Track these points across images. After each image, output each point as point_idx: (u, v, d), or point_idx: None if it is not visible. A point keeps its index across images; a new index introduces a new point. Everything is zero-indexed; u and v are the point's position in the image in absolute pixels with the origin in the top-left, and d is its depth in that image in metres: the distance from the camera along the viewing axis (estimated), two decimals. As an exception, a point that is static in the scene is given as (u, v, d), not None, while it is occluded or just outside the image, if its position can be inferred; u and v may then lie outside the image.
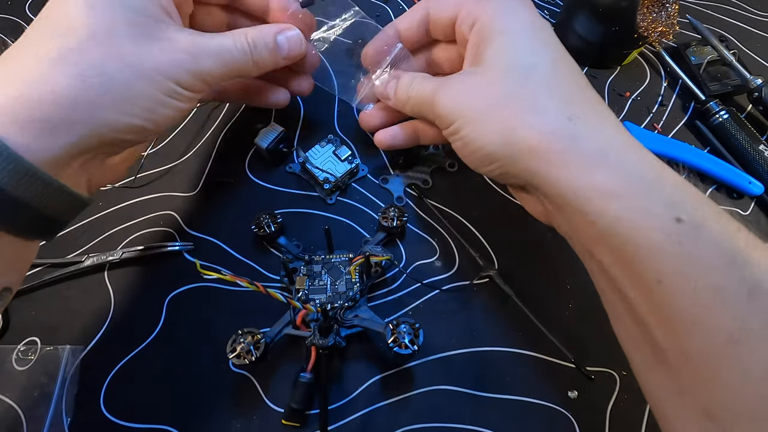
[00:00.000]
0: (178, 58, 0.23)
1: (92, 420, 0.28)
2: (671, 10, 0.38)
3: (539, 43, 0.25)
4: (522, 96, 0.24)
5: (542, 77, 0.24)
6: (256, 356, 0.26)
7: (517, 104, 0.23)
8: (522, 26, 0.25)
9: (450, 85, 0.26)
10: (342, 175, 0.34)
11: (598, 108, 0.23)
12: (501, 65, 0.24)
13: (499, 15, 0.25)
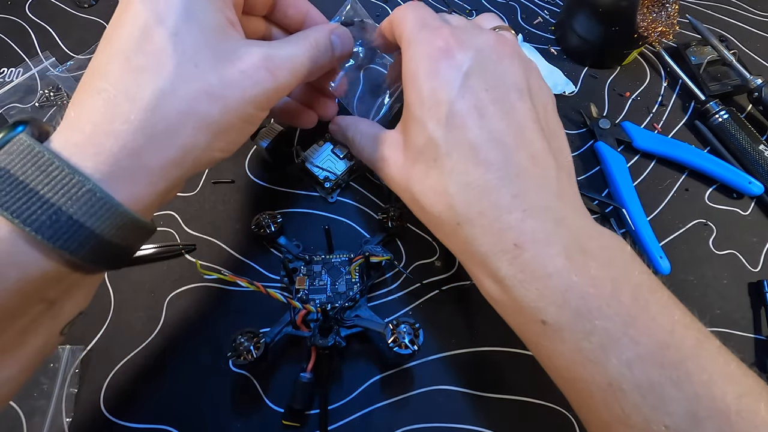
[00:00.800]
0: (258, 78, 0.22)
1: (92, 420, 0.28)
2: (671, 10, 0.38)
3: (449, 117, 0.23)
4: (424, 193, 0.24)
5: (442, 167, 0.23)
6: (256, 356, 0.26)
7: (420, 202, 0.24)
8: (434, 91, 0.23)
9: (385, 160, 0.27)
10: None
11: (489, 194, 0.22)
12: (413, 144, 0.24)
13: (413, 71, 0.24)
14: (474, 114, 0.22)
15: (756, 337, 0.32)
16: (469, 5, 0.46)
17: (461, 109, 0.22)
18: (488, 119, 0.22)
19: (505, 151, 0.22)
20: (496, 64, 0.24)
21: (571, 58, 0.43)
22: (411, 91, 0.24)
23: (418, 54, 0.24)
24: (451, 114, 0.22)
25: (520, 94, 0.23)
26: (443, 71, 0.23)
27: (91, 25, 0.43)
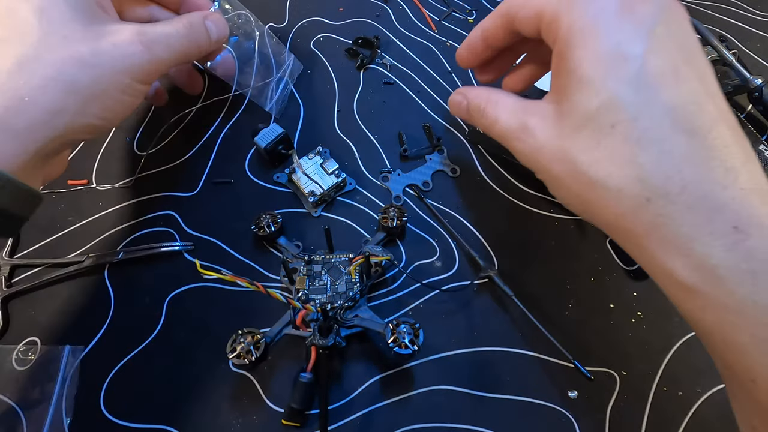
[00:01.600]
0: (133, 51, 0.24)
1: (92, 420, 0.28)
2: (671, 10, 0.38)
3: (640, 75, 0.19)
4: (595, 163, 0.20)
5: (626, 133, 0.19)
6: (256, 356, 0.26)
7: (588, 174, 0.20)
8: (618, 46, 0.19)
9: (529, 130, 0.23)
10: (328, 188, 0.34)
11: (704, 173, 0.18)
12: (577, 110, 0.20)
13: (589, 27, 0.20)
14: (670, 73, 0.19)
15: (756, 337, 0.32)
16: (469, 5, 0.46)
17: (656, 66, 0.19)
18: (686, 81, 0.19)
19: (709, 117, 0.19)
20: (680, 23, 0.20)
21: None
22: (580, 50, 0.20)
23: (589, 11, 0.20)
24: (643, 72, 0.19)
25: (706, 60, 0.20)
26: (628, 25, 0.19)
27: (91, 25, 0.43)
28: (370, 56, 0.41)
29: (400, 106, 0.39)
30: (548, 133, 0.22)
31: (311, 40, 0.43)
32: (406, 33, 0.44)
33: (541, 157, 0.22)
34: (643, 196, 0.19)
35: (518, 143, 0.24)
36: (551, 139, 0.22)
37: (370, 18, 0.44)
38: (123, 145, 0.37)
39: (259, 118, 0.38)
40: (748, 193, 0.18)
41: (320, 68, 0.41)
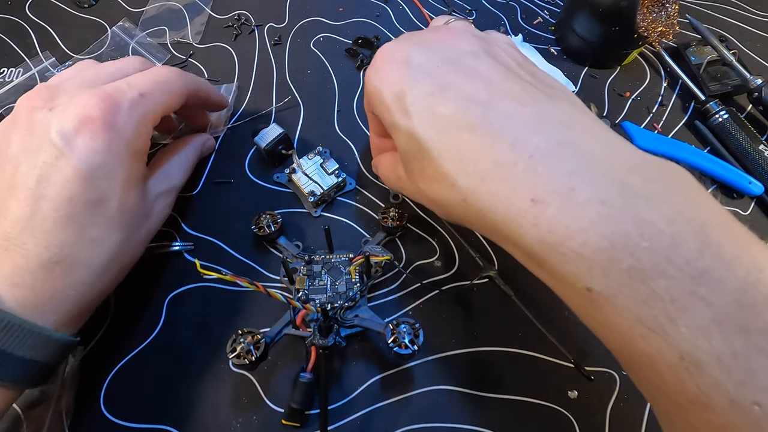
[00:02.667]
0: (165, 215, 0.31)
1: (92, 420, 0.28)
2: (671, 10, 0.38)
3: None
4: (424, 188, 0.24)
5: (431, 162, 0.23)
6: (256, 356, 0.26)
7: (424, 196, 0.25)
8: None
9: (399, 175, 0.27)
10: (328, 188, 0.34)
11: None
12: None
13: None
14: (435, 91, 0.22)
15: (756, 337, 0.32)
16: (469, 5, 0.46)
17: (421, 91, 0.22)
18: (451, 88, 0.21)
19: (482, 105, 0.20)
20: (441, 44, 0.24)
21: (571, 58, 0.43)
22: (378, 109, 0.25)
23: (368, 75, 0.25)
24: (414, 100, 0.22)
25: (475, 57, 0.23)
26: (391, 72, 0.23)
27: (91, 25, 0.43)
28: (370, 56, 0.41)
29: (400, 106, 0.39)
30: (403, 176, 0.26)
31: (311, 40, 0.43)
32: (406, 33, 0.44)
33: (413, 197, 0.27)
34: (461, 199, 0.21)
35: (402, 192, 0.30)
36: (406, 181, 0.26)
37: (370, 18, 0.44)
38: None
39: (259, 118, 0.38)
40: (536, 161, 0.19)
41: (320, 68, 0.41)
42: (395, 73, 0.23)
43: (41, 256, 0.22)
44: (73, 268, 0.24)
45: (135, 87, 0.27)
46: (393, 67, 0.24)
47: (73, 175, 0.23)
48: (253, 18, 0.44)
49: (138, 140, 0.26)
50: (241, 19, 0.44)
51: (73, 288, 0.24)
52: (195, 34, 0.43)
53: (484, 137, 0.20)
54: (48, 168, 0.23)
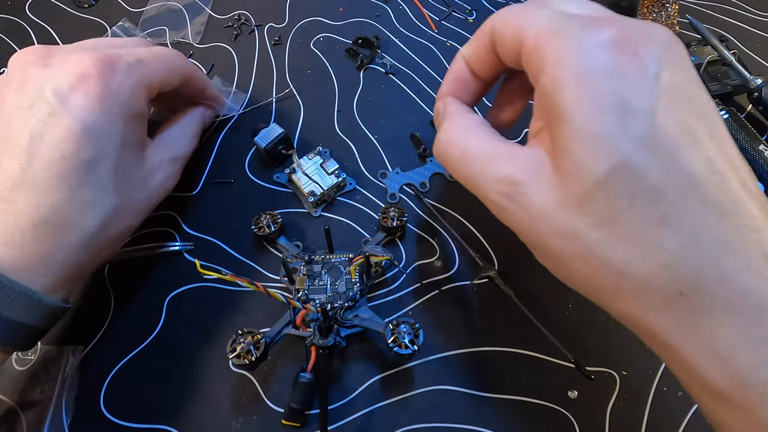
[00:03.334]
0: (170, 185, 0.30)
1: (92, 420, 0.28)
2: (671, 10, 0.38)
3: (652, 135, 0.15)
4: (612, 244, 0.16)
5: (648, 209, 0.15)
6: (256, 356, 0.26)
7: (603, 256, 0.16)
8: (621, 95, 0.15)
9: (519, 189, 0.18)
10: (328, 188, 0.34)
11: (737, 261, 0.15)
12: (583, 171, 0.16)
13: (582, 66, 0.16)
14: (686, 134, 0.15)
15: (756, 337, 0.32)
16: (469, 5, 0.46)
17: (670, 124, 0.15)
18: (702, 142, 0.16)
19: (734, 190, 0.15)
20: (685, 67, 0.17)
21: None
22: (573, 92, 0.16)
23: (582, 46, 0.16)
24: (656, 130, 0.15)
25: (715, 110, 0.17)
26: (629, 69, 0.16)
27: (91, 25, 0.43)
28: (370, 56, 0.41)
29: (400, 106, 0.39)
30: (547, 198, 0.17)
31: (311, 40, 0.43)
32: (406, 33, 0.44)
33: (538, 227, 0.18)
34: (675, 288, 0.15)
35: (506, 203, 0.18)
36: (552, 207, 0.17)
37: (370, 18, 0.44)
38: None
39: (259, 118, 0.38)
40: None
41: (320, 68, 0.41)
42: (635, 71, 0.16)
43: (32, 216, 0.22)
44: (64, 229, 0.23)
45: (133, 54, 0.26)
46: (632, 60, 0.16)
47: (67, 134, 0.23)
48: (253, 18, 0.44)
49: (134, 104, 0.26)
50: (241, 19, 0.44)
51: (64, 250, 0.23)
52: (195, 34, 0.43)
53: (734, 230, 0.15)
54: (41, 126, 0.22)
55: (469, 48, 0.22)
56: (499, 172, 0.18)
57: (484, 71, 0.23)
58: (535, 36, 0.17)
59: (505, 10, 0.20)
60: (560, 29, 0.17)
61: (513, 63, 0.20)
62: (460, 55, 0.23)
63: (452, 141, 0.21)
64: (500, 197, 0.19)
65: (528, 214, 0.18)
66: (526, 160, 0.18)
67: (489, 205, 0.20)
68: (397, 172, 0.36)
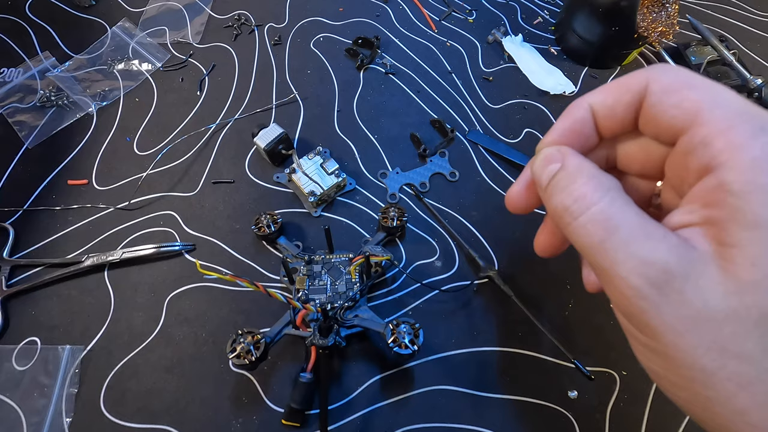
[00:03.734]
0: None
1: (92, 420, 0.28)
2: (671, 10, 0.38)
3: None
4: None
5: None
6: (256, 356, 0.26)
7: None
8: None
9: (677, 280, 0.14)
10: (328, 188, 0.34)
11: None
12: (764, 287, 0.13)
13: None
14: None
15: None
16: (469, 5, 0.46)
17: None
18: None
19: None
20: None
21: (571, 58, 0.43)
22: None
23: None
24: None
25: None
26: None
27: (91, 25, 0.43)
28: (370, 56, 0.41)
29: (400, 106, 0.39)
30: (711, 303, 0.14)
31: (311, 40, 0.43)
32: (406, 33, 0.44)
33: (690, 333, 0.14)
34: None
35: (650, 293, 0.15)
36: (716, 315, 0.14)
37: (370, 18, 0.44)
38: (123, 145, 0.37)
39: (259, 118, 0.38)
40: None
41: (320, 68, 0.41)
42: None
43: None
44: None
45: None
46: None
47: None
48: (253, 18, 0.44)
49: None
50: (241, 19, 0.44)
51: None
52: (195, 34, 0.43)
53: None
54: None
55: (602, 97, 0.18)
56: (650, 254, 0.15)
57: (610, 130, 0.19)
58: (724, 124, 0.15)
59: (669, 70, 0.17)
60: (763, 127, 0.14)
61: (658, 134, 0.17)
62: (587, 102, 0.19)
63: (589, 197, 0.17)
64: (645, 284, 0.15)
65: (679, 314, 0.14)
66: (685, 251, 0.15)
67: (621, 288, 0.15)
68: (397, 172, 0.36)
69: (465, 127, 0.39)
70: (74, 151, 0.36)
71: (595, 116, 0.19)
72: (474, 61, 0.42)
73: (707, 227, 0.15)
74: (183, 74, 0.40)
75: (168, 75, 0.40)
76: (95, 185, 0.35)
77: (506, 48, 0.43)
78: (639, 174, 0.19)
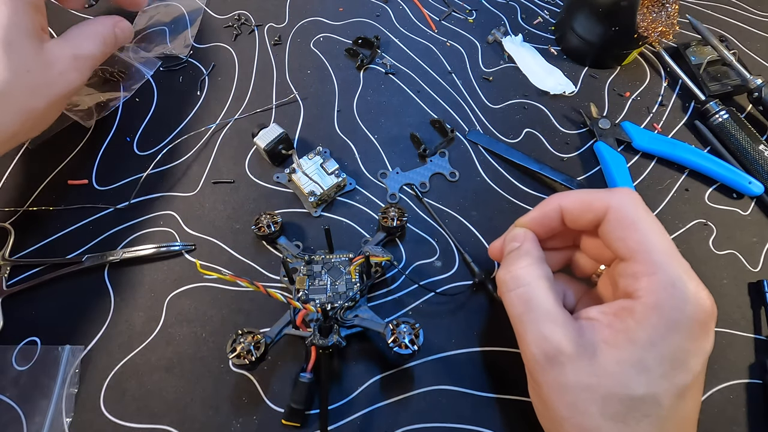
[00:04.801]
0: (72, 78, 0.30)
1: (92, 420, 0.28)
2: (671, 10, 0.38)
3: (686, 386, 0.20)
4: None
5: (649, 429, 0.20)
6: (256, 356, 0.26)
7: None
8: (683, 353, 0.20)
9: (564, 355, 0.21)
10: (328, 188, 0.34)
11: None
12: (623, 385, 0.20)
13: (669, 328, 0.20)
14: (698, 391, 0.22)
15: (756, 337, 0.32)
16: (469, 5, 0.46)
17: (697, 385, 0.21)
18: (698, 399, 0.22)
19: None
20: None
21: (571, 58, 0.43)
22: (656, 335, 0.20)
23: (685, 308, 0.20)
24: (689, 386, 0.20)
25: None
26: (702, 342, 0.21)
27: (91, 25, 0.43)
28: (370, 56, 0.41)
29: (400, 106, 0.39)
30: (579, 380, 0.21)
31: (311, 40, 0.43)
32: (406, 33, 0.44)
33: (556, 396, 0.21)
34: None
35: (542, 363, 0.21)
36: (580, 386, 0.20)
37: (370, 18, 0.44)
38: (123, 145, 0.37)
39: (259, 118, 0.38)
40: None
41: (320, 68, 0.41)
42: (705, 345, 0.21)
43: None
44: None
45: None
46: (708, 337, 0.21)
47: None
48: (253, 18, 0.44)
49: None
50: (241, 19, 0.44)
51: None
52: (194, 34, 0.43)
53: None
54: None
55: (572, 206, 0.25)
56: (549, 334, 0.21)
57: (570, 226, 0.25)
58: (652, 268, 0.21)
59: (627, 204, 0.23)
60: (675, 283, 0.21)
61: (607, 246, 0.24)
62: (558, 204, 0.25)
63: (522, 279, 0.23)
64: (540, 353, 0.21)
65: (556, 379, 0.21)
66: (577, 337, 0.21)
67: (525, 351, 0.22)
68: (397, 172, 0.36)
69: (465, 127, 0.39)
70: (74, 151, 0.36)
71: (563, 215, 0.25)
72: (474, 61, 0.42)
73: (607, 328, 0.21)
74: (182, 74, 0.40)
75: (168, 75, 0.40)
76: (95, 185, 0.35)
77: (506, 48, 0.43)
78: (592, 256, 0.27)
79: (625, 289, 0.22)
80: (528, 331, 0.22)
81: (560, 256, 0.28)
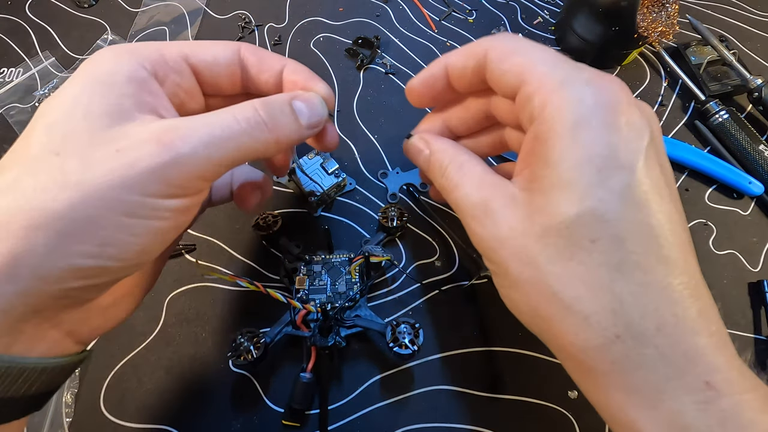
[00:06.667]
0: (143, 153, 0.16)
1: (92, 420, 0.28)
2: (671, 10, 0.38)
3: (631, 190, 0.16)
4: (564, 278, 0.17)
5: (606, 253, 0.16)
6: (256, 356, 0.26)
7: (553, 288, 0.17)
8: (612, 151, 0.17)
9: (491, 213, 0.19)
10: (328, 188, 0.34)
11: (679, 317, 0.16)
12: (553, 210, 0.17)
13: (581, 120, 0.17)
14: (656, 193, 0.17)
15: (756, 337, 0.32)
16: (469, 5, 0.46)
17: (645, 183, 0.17)
18: (667, 203, 0.17)
19: (685, 250, 0.17)
20: (660, 138, 0.19)
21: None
22: (567, 143, 0.17)
23: (584, 103, 0.17)
24: (633, 185, 0.16)
25: (674, 181, 0.19)
26: (625, 131, 0.17)
27: (91, 25, 0.43)
28: (370, 56, 0.41)
29: (400, 106, 0.40)
30: (513, 225, 0.18)
31: (311, 40, 0.43)
32: (406, 33, 0.44)
33: (501, 249, 0.19)
34: (613, 331, 0.16)
35: (475, 224, 0.20)
36: (516, 234, 0.18)
37: (370, 18, 0.44)
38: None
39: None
40: (718, 343, 0.16)
41: (320, 68, 0.41)
42: (630, 132, 0.17)
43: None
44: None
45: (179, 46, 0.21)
46: (629, 120, 0.17)
47: None
48: (253, 18, 0.44)
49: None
50: (243, 19, 0.44)
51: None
52: (194, 34, 0.43)
53: (679, 285, 0.17)
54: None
55: (456, 59, 0.22)
56: (479, 196, 0.20)
57: (460, 86, 0.23)
58: (538, 81, 0.18)
59: (505, 39, 0.21)
60: (564, 81, 0.18)
61: (502, 93, 0.21)
62: (445, 61, 0.23)
63: (443, 151, 0.23)
64: (471, 215, 0.20)
65: (493, 234, 0.19)
66: (504, 192, 0.20)
67: (463, 222, 0.21)
68: (397, 172, 0.36)
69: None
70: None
71: (449, 73, 0.23)
72: (474, 61, 0.42)
73: (526, 168, 0.19)
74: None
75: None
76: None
77: (506, 48, 0.42)
78: (513, 126, 0.23)
79: (529, 119, 0.19)
80: (458, 199, 0.21)
81: (487, 141, 0.25)
